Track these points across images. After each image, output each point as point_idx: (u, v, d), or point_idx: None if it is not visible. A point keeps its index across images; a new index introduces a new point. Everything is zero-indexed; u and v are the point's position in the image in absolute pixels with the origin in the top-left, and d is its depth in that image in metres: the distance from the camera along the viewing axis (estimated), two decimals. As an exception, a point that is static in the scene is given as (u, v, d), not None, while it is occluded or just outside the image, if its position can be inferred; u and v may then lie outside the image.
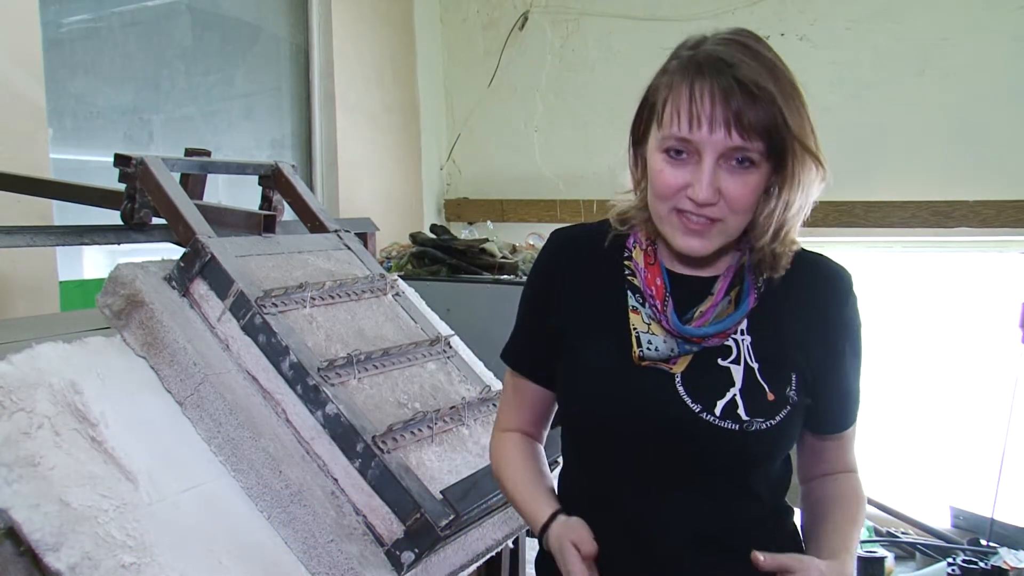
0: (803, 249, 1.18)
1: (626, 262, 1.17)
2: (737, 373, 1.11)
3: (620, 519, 1.14)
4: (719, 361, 1.11)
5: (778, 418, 1.10)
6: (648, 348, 1.11)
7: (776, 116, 1.01)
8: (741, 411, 1.09)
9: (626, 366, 1.12)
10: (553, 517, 1.15)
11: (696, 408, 1.09)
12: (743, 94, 1.00)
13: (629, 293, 1.15)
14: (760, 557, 1.01)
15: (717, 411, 1.09)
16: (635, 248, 1.17)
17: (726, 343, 1.12)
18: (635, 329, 1.12)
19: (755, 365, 1.11)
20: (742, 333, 1.12)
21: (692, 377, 1.11)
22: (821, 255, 1.19)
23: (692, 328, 1.11)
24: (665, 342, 1.11)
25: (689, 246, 1.07)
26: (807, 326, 1.14)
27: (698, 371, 1.11)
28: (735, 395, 1.09)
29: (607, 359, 1.14)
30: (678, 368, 1.11)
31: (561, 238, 1.25)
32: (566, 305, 1.20)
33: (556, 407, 1.27)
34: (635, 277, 1.15)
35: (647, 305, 1.13)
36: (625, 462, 1.14)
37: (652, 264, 1.14)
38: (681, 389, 1.10)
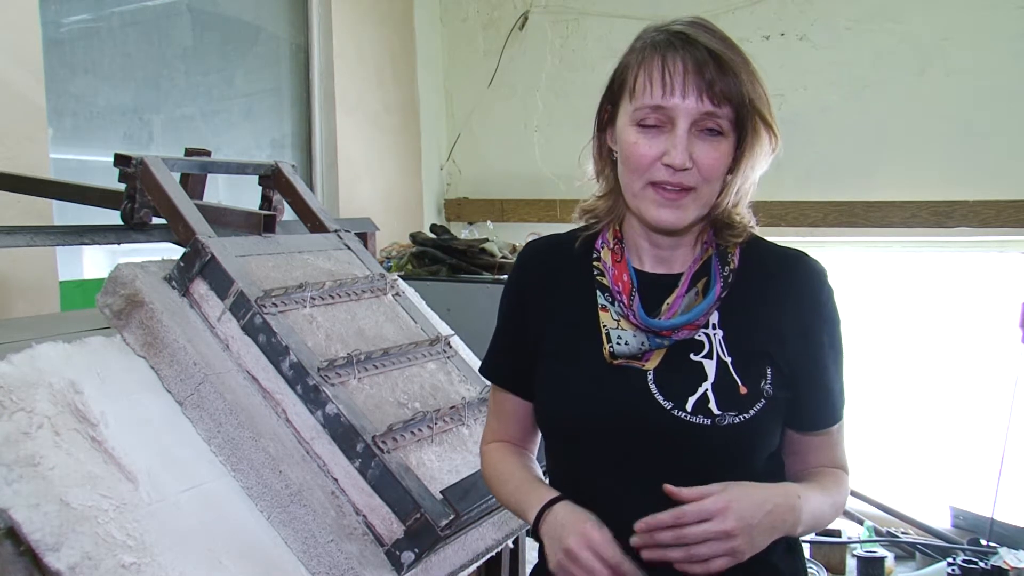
0: (776, 244, 1.20)
1: (595, 263, 1.18)
2: (710, 367, 1.11)
3: (617, 520, 1.13)
4: (691, 356, 1.11)
5: (751, 412, 1.09)
6: (618, 343, 1.12)
7: (743, 86, 1.06)
8: (712, 406, 1.09)
9: (599, 366, 1.13)
10: (556, 501, 1.13)
11: (667, 405, 1.09)
12: (714, 63, 1.05)
13: (599, 293, 1.16)
14: (673, 489, 1.02)
15: (688, 407, 1.09)
16: (603, 248, 1.18)
17: (698, 337, 1.12)
18: (605, 327, 1.13)
19: (728, 359, 1.11)
20: (714, 327, 1.12)
21: (664, 373, 1.11)
22: (796, 249, 1.19)
23: (660, 320, 1.11)
24: (635, 336, 1.12)
25: (665, 218, 1.09)
26: (784, 318, 1.13)
27: (671, 367, 1.11)
28: (707, 390, 1.09)
29: (580, 361, 1.15)
30: (651, 365, 1.12)
31: (530, 250, 1.29)
32: (539, 314, 1.21)
33: None
34: (604, 277, 1.16)
35: (616, 303, 1.14)
36: (604, 465, 1.14)
37: (619, 261, 1.16)
38: (653, 386, 1.11)
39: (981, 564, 2.50)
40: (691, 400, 1.09)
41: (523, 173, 3.74)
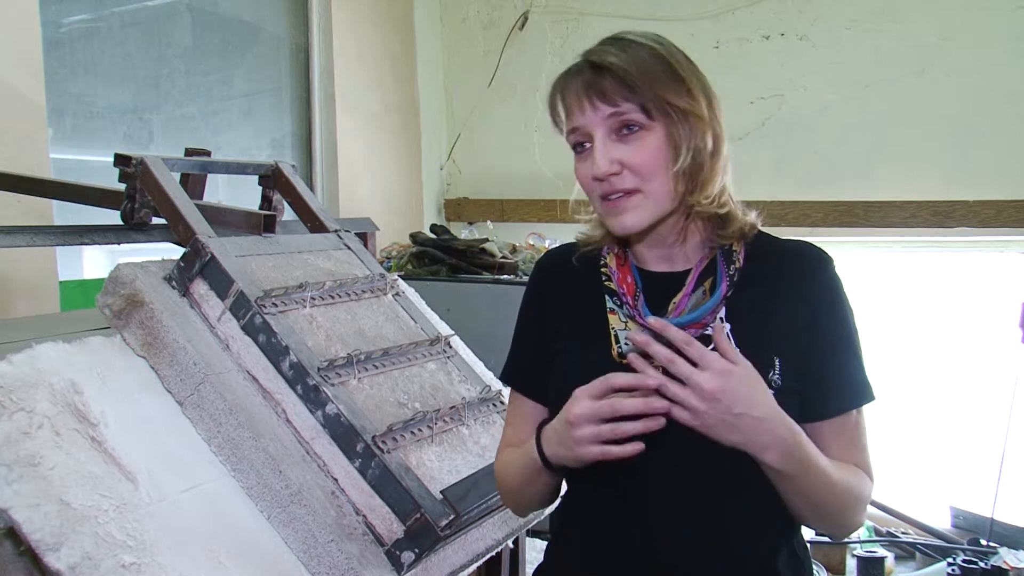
0: (779, 238, 1.20)
1: (602, 268, 1.21)
2: None
3: (621, 523, 1.14)
4: None
5: None
6: (626, 344, 1.13)
7: (639, 80, 1.08)
8: None
9: (608, 366, 1.13)
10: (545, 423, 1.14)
11: None
12: (605, 72, 1.09)
13: (607, 297, 1.18)
14: (720, 327, 1.04)
15: None
16: (608, 254, 1.21)
17: (706, 332, 1.12)
18: (613, 329, 1.15)
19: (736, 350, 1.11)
20: (721, 321, 1.13)
21: None
22: (798, 240, 1.20)
23: (667, 319, 1.11)
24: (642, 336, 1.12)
25: (621, 224, 1.12)
26: (790, 310, 1.14)
27: None
28: None
29: (590, 363, 1.15)
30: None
31: (547, 258, 1.32)
32: (555, 321, 1.24)
33: None
34: (610, 281, 1.19)
35: (623, 305, 1.16)
36: (619, 462, 1.13)
37: (623, 265, 1.19)
38: None
39: (981, 564, 2.50)
40: None
41: (523, 173, 3.74)
